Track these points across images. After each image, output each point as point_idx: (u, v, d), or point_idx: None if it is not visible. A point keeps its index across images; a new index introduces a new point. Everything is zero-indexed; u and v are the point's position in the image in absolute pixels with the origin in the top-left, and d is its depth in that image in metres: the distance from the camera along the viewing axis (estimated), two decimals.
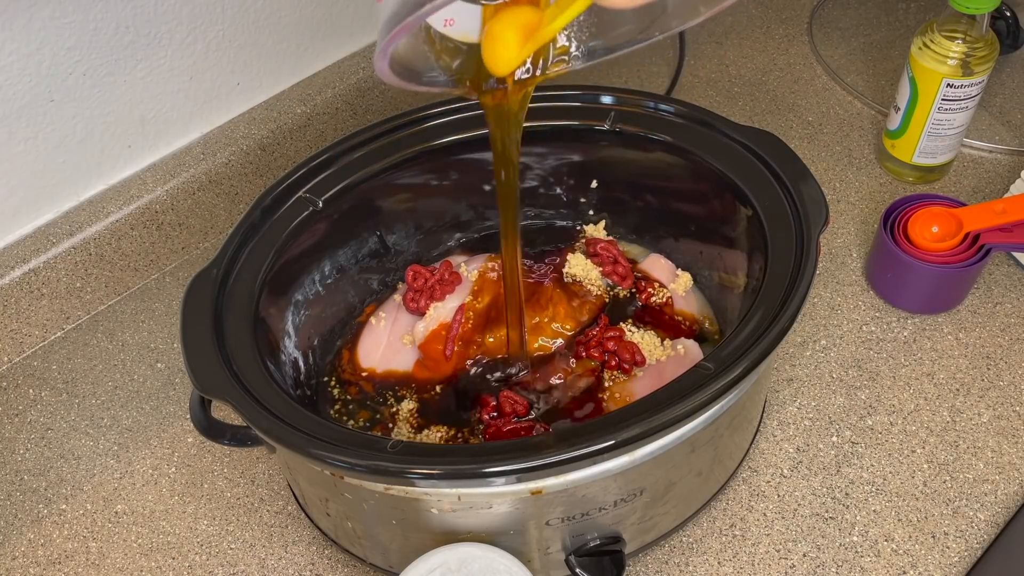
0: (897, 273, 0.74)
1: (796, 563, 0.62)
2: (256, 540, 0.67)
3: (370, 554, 0.62)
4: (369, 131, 0.70)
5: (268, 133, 0.87)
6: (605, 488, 0.53)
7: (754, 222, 0.63)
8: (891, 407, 0.70)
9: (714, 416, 0.54)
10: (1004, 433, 0.68)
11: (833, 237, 0.83)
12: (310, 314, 0.70)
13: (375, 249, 0.75)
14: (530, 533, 0.55)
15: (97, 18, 0.73)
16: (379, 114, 0.95)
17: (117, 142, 0.81)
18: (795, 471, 0.67)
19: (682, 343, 0.68)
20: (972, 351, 0.73)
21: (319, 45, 0.90)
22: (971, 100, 0.80)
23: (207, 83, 0.84)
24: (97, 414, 0.76)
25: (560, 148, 0.73)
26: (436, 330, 0.70)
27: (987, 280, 0.78)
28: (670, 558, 0.63)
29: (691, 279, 0.74)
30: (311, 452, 0.51)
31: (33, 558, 0.67)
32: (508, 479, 0.50)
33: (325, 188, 0.68)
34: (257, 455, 0.72)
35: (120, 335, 0.82)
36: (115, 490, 0.71)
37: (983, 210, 0.73)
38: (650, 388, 0.57)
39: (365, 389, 0.70)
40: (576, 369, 0.68)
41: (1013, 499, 0.65)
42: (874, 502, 0.65)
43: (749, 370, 0.51)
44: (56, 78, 0.73)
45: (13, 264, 0.77)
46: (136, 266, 0.85)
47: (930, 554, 0.62)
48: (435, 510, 0.53)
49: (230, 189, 0.87)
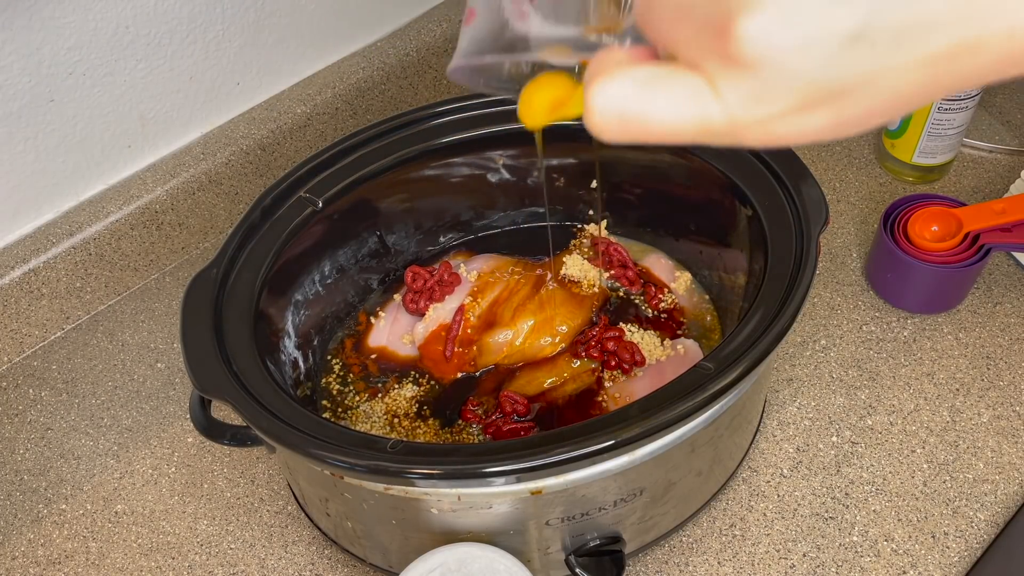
0: (897, 273, 0.74)
1: (796, 563, 0.62)
2: (256, 540, 0.67)
3: (370, 554, 0.62)
4: (369, 131, 0.70)
5: (268, 133, 0.87)
6: (605, 488, 0.53)
7: (754, 222, 0.63)
8: (891, 407, 0.70)
9: (714, 416, 0.54)
10: (1004, 433, 0.68)
11: (833, 237, 0.83)
12: (310, 314, 0.70)
13: (375, 249, 0.75)
14: (530, 533, 0.55)
15: (97, 18, 0.73)
16: (379, 114, 0.95)
17: (117, 142, 0.81)
18: (795, 471, 0.67)
19: (682, 343, 0.68)
20: (972, 351, 0.73)
21: (319, 45, 0.90)
22: (971, 100, 0.80)
23: (207, 83, 0.84)
24: (97, 414, 0.76)
25: (560, 148, 0.73)
26: (436, 331, 0.70)
27: (987, 280, 0.78)
28: (670, 558, 0.63)
29: (691, 278, 0.74)
30: (311, 452, 0.51)
31: (33, 558, 0.67)
32: (508, 479, 0.50)
33: (325, 188, 0.68)
34: (257, 455, 0.71)
35: (120, 335, 0.82)
36: (115, 490, 0.71)
37: (983, 210, 0.73)
38: (650, 388, 0.57)
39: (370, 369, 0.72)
40: (576, 369, 0.68)
41: (1013, 499, 0.65)
42: (874, 502, 0.65)
43: (749, 370, 0.51)
44: (56, 78, 0.73)
45: (13, 264, 0.77)
46: (136, 266, 0.85)
47: (930, 554, 0.62)
48: (435, 510, 0.53)
49: (230, 189, 0.87)
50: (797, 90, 0.26)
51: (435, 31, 0.96)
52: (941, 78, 0.26)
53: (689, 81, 0.28)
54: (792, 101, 0.26)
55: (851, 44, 0.25)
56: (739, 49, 0.25)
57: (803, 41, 0.25)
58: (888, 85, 0.26)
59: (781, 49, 0.25)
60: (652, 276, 0.74)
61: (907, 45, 0.25)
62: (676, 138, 0.29)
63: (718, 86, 0.27)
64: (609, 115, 0.29)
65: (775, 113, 0.27)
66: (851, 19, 0.25)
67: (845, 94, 0.26)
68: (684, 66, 0.28)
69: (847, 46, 0.25)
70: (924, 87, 0.26)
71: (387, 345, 0.72)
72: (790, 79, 0.26)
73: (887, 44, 0.25)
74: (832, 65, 0.25)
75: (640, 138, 0.29)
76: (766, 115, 0.27)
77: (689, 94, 0.28)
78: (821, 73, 0.26)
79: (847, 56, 0.25)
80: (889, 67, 0.25)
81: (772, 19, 0.25)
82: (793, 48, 0.25)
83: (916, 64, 0.25)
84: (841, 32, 0.25)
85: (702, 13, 0.26)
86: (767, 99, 0.26)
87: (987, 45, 0.25)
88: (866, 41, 0.25)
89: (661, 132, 0.29)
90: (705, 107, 0.27)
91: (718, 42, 0.26)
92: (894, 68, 0.25)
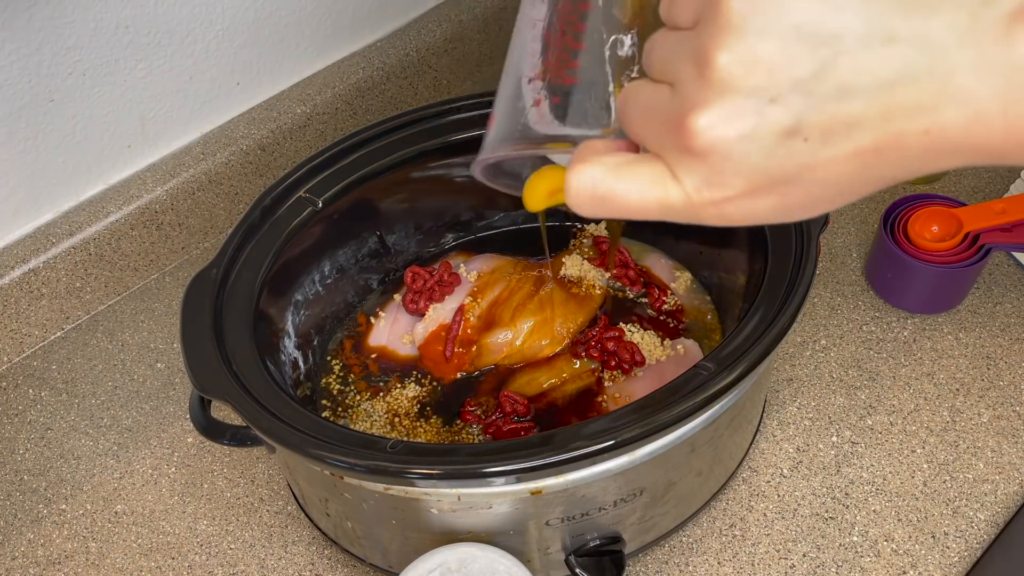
0: (897, 273, 0.74)
1: (796, 563, 0.62)
2: (256, 540, 0.67)
3: (370, 554, 0.62)
4: (369, 131, 0.70)
5: (268, 133, 0.87)
6: (605, 488, 0.53)
7: None
8: (891, 407, 0.70)
9: (714, 416, 0.54)
10: (1004, 433, 0.68)
11: (833, 237, 0.83)
12: (310, 314, 0.70)
13: (375, 249, 0.75)
14: (530, 533, 0.55)
15: (97, 18, 0.73)
16: (379, 114, 0.95)
17: (117, 142, 0.81)
18: (795, 471, 0.67)
19: (682, 343, 0.68)
20: (972, 351, 0.73)
21: (319, 45, 0.90)
22: None
23: (207, 83, 0.84)
24: (97, 414, 0.76)
25: None
26: (436, 331, 0.70)
27: (987, 280, 0.78)
28: (670, 558, 0.63)
29: (691, 278, 0.74)
30: (311, 452, 0.51)
31: (33, 558, 0.67)
32: (508, 479, 0.50)
33: (325, 188, 0.68)
34: (257, 455, 0.71)
35: (120, 335, 0.82)
36: (115, 490, 0.71)
37: (983, 210, 0.73)
38: (650, 388, 0.57)
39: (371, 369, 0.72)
40: (576, 369, 0.68)
41: (1013, 499, 0.65)
42: (874, 502, 0.65)
43: (749, 370, 0.51)
44: (56, 78, 0.73)
45: (13, 264, 0.77)
46: (136, 266, 0.85)
47: (930, 554, 0.62)
48: (435, 510, 0.53)
49: (230, 189, 0.87)
50: (743, 176, 0.30)
51: (435, 31, 0.96)
52: (872, 170, 0.29)
53: (654, 168, 0.32)
54: (739, 187, 0.30)
55: (787, 138, 0.29)
56: (692, 140, 0.30)
57: (745, 133, 0.29)
58: (824, 176, 0.29)
59: (726, 140, 0.29)
60: (652, 276, 0.74)
61: (835, 141, 0.28)
62: (642, 215, 0.33)
63: (676, 172, 0.31)
64: (583, 193, 0.34)
65: (726, 196, 0.31)
66: (786, 118, 0.28)
67: (786, 182, 0.30)
68: (651, 156, 0.32)
69: (783, 140, 0.29)
70: (859, 177, 0.30)
71: (387, 345, 0.72)
72: (736, 167, 0.30)
73: (818, 139, 0.29)
74: (771, 156, 0.29)
75: (611, 213, 0.34)
76: (719, 197, 0.31)
77: (653, 179, 0.32)
78: (762, 162, 0.29)
79: (784, 148, 0.29)
80: (822, 160, 0.29)
81: (719, 115, 0.29)
82: (736, 139, 0.29)
83: (846, 157, 0.29)
84: (777, 128, 0.29)
85: (663, 112, 0.31)
86: (717, 183, 0.30)
87: (908, 141, 0.28)
88: (799, 136, 0.29)
89: (628, 209, 0.33)
90: (665, 190, 0.32)
91: (676, 135, 0.30)
92: (827, 161, 0.29)
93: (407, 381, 0.70)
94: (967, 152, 0.28)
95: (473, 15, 0.98)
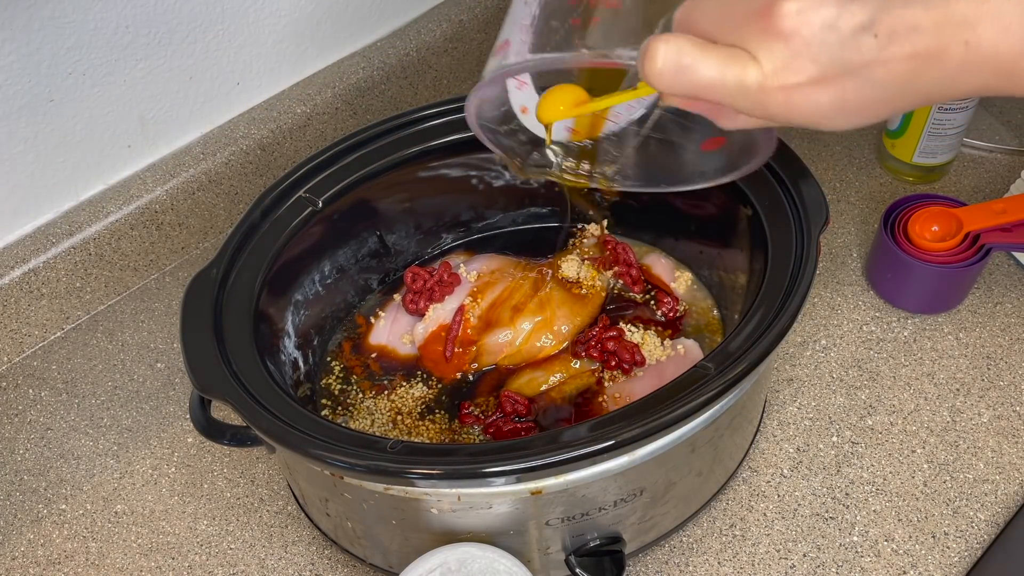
0: (897, 273, 0.74)
1: (796, 563, 0.62)
2: (256, 540, 0.67)
3: (370, 554, 0.62)
4: (369, 131, 0.70)
5: (268, 133, 0.87)
6: (605, 488, 0.53)
7: (754, 222, 0.62)
8: (891, 407, 0.70)
9: (714, 416, 0.54)
10: (1004, 433, 0.68)
11: (833, 237, 0.83)
12: (310, 314, 0.70)
13: (375, 249, 0.75)
14: (530, 533, 0.55)
15: (97, 18, 0.73)
16: (379, 114, 0.95)
17: (117, 142, 0.81)
18: (795, 471, 0.67)
19: (682, 343, 0.68)
20: (972, 351, 0.73)
21: (319, 45, 0.90)
22: (971, 99, 0.80)
23: (207, 83, 0.84)
24: (97, 414, 0.76)
25: None
26: (435, 331, 0.70)
27: (987, 280, 0.78)
28: (670, 558, 0.63)
29: (692, 277, 0.74)
30: (311, 452, 0.51)
31: (33, 558, 0.67)
32: (508, 479, 0.50)
33: (325, 188, 0.68)
34: (257, 455, 0.71)
35: (120, 335, 0.82)
36: (115, 490, 0.71)
37: (983, 210, 0.73)
38: (650, 388, 0.57)
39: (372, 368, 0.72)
40: (576, 369, 0.68)
41: (1013, 499, 0.65)
42: (874, 502, 0.65)
43: (749, 370, 0.51)
44: (56, 78, 0.73)
45: (13, 264, 0.77)
46: (136, 266, 0.85)
47: (930, 554, 0.62)
48: (435, 510, 0.53)
49: (230, 189, 0.87)
50: (818, 64, 0.34)
51: (435, 31, 0.96)
52: (920, 77, 0.35)
53: (734, 50, 0.36)
54: (812, 73, 0.35)
55: (861, 32, 0.34)
56: (779, 22, 0.34)
57: (828, 22, 0.34)
58: (881, 75, 0.35)
59: (811, 25, 0.34)
60: (653, 275, 0.74)
61: (898, 40, 0.34)
62: (714, 91, 0.36)
63: (757, 55, 0.35)
64: (669, 62, 0.36)
65: (797, 82, 0.35)
66: (862, 13, 0.34)
67: (850, 75, 0.35)
68: (730, 45, 0.36)
69: (857, 33, 0.34)
70: (906, 85, 0.35)
71: (387, 344, 0.72)
72: (814, 53, 0.34)
73: (885, 37, 0.34)
74: (845, 47, 0.34)
75: (687, 90, 0.37)
76: (791, 83, 0.35)
77: (734, 58, 0.36)
78: (837, 52, 0.34)
79: (856, 41, 0.34)
80: (883, 58, 0.34)
81: (807, 3, 0.34)
82: (820, 26, 0.34)
83: (903, 58, 0.34)
84: (855, 22, 0.34)
85: (746, 5, 0.35)
86: (793, 68, 0.35)
87: (952, 51, 0.34)
88: (871, 31, 0.34)
89: (703, 82, 0.36)
90: (744, 69, 0.36)
91: (763, 20, 0.35)
92: (888, 59, 0.34)
93: (414, 381, 0.70)
94: (991, 69, 0.34)
95: (473, 15, 0.98)
